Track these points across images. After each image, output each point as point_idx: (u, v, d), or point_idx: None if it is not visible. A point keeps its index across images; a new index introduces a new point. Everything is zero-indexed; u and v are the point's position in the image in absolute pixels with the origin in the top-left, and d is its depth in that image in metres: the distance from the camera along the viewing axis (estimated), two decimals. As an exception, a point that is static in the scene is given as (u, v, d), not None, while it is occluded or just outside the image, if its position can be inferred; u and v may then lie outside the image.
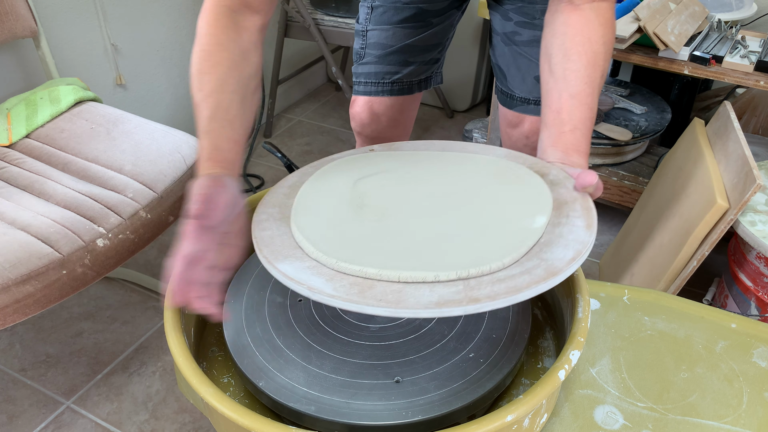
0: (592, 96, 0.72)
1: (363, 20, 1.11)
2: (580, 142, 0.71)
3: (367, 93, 1.14)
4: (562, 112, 0.71)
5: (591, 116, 0.72)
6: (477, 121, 2.26)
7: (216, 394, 0.53)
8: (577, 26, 0.74)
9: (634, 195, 1.66)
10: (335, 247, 0.60)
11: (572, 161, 0.70)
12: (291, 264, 0.59)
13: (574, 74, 0.72)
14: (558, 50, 0.74)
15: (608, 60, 0.75)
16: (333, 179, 0.72)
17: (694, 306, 0.79)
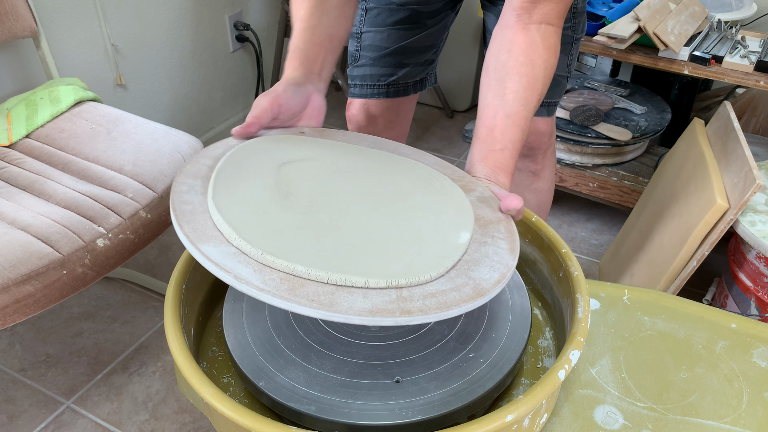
0: (525, 119, 0.74)
1: (357, 22, 1.11)
2: (508, 162, 0.72)
3: (362, 95, 1.15)
4: (495, 130, 0.73)
5: (522, 138, 0.74)
6: (477, 121, 2.26)
7: (216, 394, 0.53)
8: (523, 47, 0.76)
9: (634, 195, 1.66)
10: (259, 237, 0.56)
11: (498, 179, 0.71)
12: (215, 247, 0.55)
13: (512, 94, 0.74)
14: (501, 67, 0.76)
15: (547, 84, 0.77)
16: (257, 159, 0.68)
17: (694, 306, 0.79)
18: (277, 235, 0.57)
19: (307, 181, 0.66)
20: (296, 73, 0.75)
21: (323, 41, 0.79)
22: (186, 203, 0.60)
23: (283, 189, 0.64)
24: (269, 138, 0.73)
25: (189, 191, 0.62)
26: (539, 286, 0.77)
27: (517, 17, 0.77)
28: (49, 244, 1.00)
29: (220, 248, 0.55)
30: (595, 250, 1.73)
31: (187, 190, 0.62)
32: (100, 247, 1.05)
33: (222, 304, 0.71)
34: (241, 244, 0.55)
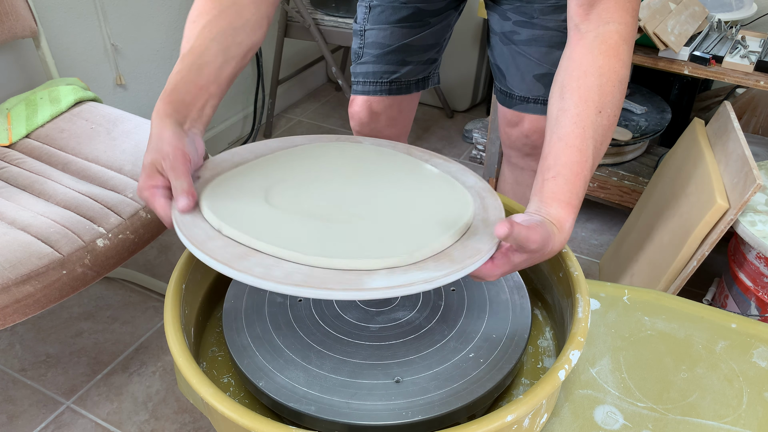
0: (582, 138, 0.65)
1: (361, 20, 1.12)
2: (562, 190, 0.63)
3: (365, 92, 1.15)
4: (548, 158, 0.66)
5: (580, 159, 0.64)
6: (477, 121, 2.26)
7: (216, 394, 0.53)
8: (577, 59, 0.69)
9: (634, 195, 1.66)
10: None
11: (549, 212, 0.62)
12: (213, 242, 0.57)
13: (564, 114, 0.67)
14: (557, 90, 0.70)
15: (608, 92, 0.68)
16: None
17: (694, 306, 0.79)
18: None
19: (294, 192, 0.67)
20: (169, 121, 0.66)
21: (209, 84, 0.69)
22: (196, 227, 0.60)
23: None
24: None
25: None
26: (539, 286, 0.77)
27: (575, 28, 0.71)
28: (49, 244, 1.00)
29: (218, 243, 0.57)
30: (595, 250, 1.73)
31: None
32: (100, 247, 1.05)
33: (222, 304, 0.71)
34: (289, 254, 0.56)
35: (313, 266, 0.55)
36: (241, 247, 0.57)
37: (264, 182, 0.67)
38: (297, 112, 2.44)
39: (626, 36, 0.70)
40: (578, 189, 0.64)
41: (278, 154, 0.73)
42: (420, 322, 0.68)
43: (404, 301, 0.70)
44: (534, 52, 1.03)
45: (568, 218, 0.63)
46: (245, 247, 0.57)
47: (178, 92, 0.68)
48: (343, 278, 0.53)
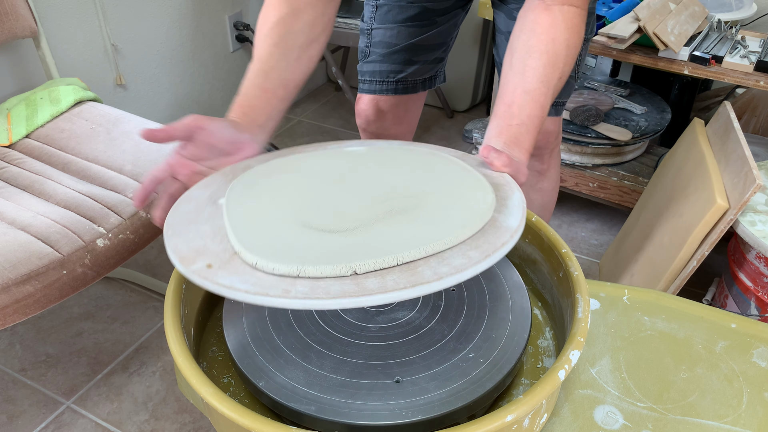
0: (545, 96, 0.72)
1: (368, 19, 1.12)
2: (524, 138, 0.71)
3: (371, 91, 1.15)
4: (513, 106, 0.72)
5: (540, 115, 0.72)
6: (477, 121, 2.26)
7: (216, 394, 0.53)
8: (545, 25, 0.75)
9: (634, 195, 1.66)
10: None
11: (512, 154, 0.69)
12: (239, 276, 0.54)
13: (532, 71, 0.73)
14: (522, 45, 0.75)
15: (569, 63, 0.76)
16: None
17: (694, 306, 0.79)
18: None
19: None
20: (237, 120, 0.72)
21: (276, 88, 0.75)
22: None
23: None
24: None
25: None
26: (539, 286, 0.77)
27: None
28: (49, 244, 1.00)
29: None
30: (595, 250, 1.73)
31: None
32: (100, 247, 1.05)
33: (222, 304, 0.71)
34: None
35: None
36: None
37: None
38: (297, 112, 2.44)
39: (584, 18, 0.78)
40: (534, 139, 0.72)
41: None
42: (420, 322, 0.68)
43: (404, 301, 0.70)
44: None
45: (526, 162, 0.70)
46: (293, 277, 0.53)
47: (247, 97, 0.73)
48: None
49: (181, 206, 0.65)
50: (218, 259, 0.56)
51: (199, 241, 0.59)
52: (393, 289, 0.50)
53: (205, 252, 0.57)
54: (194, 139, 0.68)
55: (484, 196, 0.62)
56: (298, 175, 0.69)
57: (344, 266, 0.52)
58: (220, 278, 0.53)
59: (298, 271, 0.52)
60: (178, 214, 0.64)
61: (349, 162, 0.72)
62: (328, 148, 0.75)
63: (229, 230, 0.59)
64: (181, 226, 0.62)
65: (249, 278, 0.53)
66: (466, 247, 0.55)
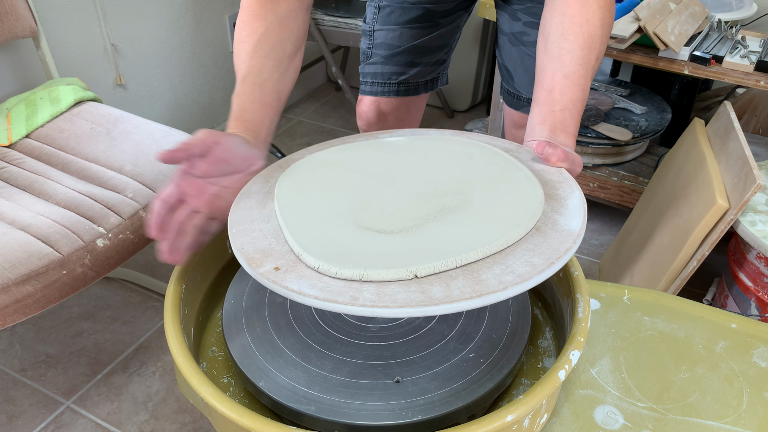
0: (585, 78, 0.71)
1: (370, 20, 1.11)
2: (569, 123, 0.70)
3: (373, 93, 1.15)
4: (554, 91, 0.71)
5: (582, 98, 0.71)
6: (477, 121, 2.26)
7: (216, 394, 0.53)
8: (576, 7, 0.73)
9: (634, 195, 1.66)
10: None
11: (559, 140, 0.69)
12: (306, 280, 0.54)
13: (569, 54, 0.72)
14: (556, 29, 0.74)
15: (605, 43, 0.75)
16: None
17: (694, 306, 0.79)
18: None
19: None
20: (245, 136, 0.70)
21: (272, 101, 0.73)
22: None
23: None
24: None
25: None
26: (539, 286, 0.77)
27: None
28: (49, 244, 1.00)
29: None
30: (595, 250, 1.73)
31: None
32: (100, 247, 1.05)
33: (222, 304, 0.71)
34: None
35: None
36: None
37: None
38: (297, 112, 2.43)
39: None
40: (578, 124, 0.71)
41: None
42: (420, 322, 0.68)
43: None
44: None
45: (573, 148, 0.69)
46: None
47: (246, 112, 0.71)
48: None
49: (242, 202, 0.65)
50: (285, 261, 0.56)
51: (263, 242, 0.59)
52: (459, 298, 0.50)
53: (271, 253, 0.57)
54: (209, 154, 0.64)
55: (533, 191, 0.61)
56: (343, 168, 0.68)
57: (405, 270, 0.52)
58: (288, 282, 0.53)
59: (361, 276, 0.52)
60: (240, 210, 0.64)
61: (391, 154, 0.71)
62: (362, 140, 0.75)
63: (287, 232, 0.59)
64: (245, 224, 0.62)
65: (316, 283, 0.53)
66: (527, 253, 0.54)
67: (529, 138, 0.71)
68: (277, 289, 0.54)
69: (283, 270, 0.55)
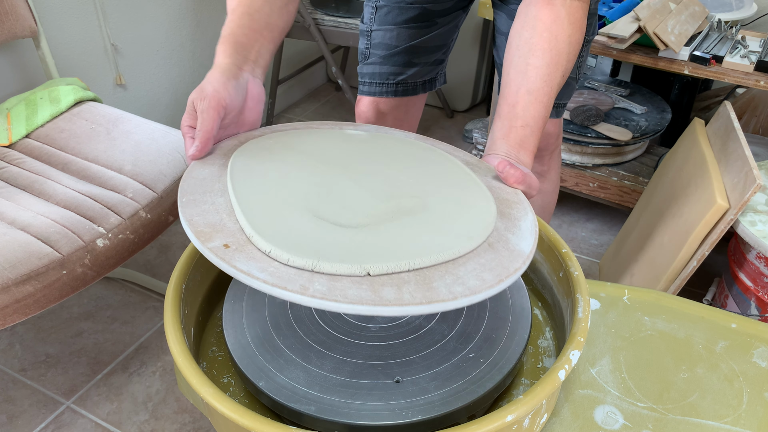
0: (549, 95, 0.72)
1: (368, 20, 1.11)
2: (529, 140, 0.71)
3: (371, 93, 1.15)
4: (517, 107, 0.72)
5: (545, 115, 0.72)
6: (477, 121, 2.26)
7: (216, 394, 0.53)
8: (547, 22, 0.74)
9: (634, 195, 1.66)
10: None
11: (519, 157, 0.70)
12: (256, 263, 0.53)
13: (534, 70, 0.72)
14: (524, 44, 0.74)
15: (572, 60, 0.75)
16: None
17: (694, 306, 0.79)
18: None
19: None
20: (229, 61, 0.69)
21: (262, 29, 0.74)
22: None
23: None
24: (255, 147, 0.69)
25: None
26: (539, 286, 0.77)
27: None
28: (49, 244, 1.00)
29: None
30: (595, 250, 1.73)
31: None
32: (100, 247, 1.04)
33: (222, 304, 0.71)
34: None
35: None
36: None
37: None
38: (297, 112, 2.43)
39: (586, 12, 0.77)
40: (538, 140, 0.72)
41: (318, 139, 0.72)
42: (420, 322, 0.68)
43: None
44: None
45: (530, 164, 0.71)
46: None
47: (235, 35, 0.71)
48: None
49: (196, 171, 0.63)
50: (235, 240, 0.55)
51: (214, 216, 0.57)
52: (409, 303, 0.50)
53: (221, 229, 0.56)
54: (223, 120, 0.67)
55: (487, 207, 0.62)
56: (302, 155, 0.68)
57: (358, 266, 0.52)
58: (237, 262, 0.52)
59: (313, 266, 0.52)
60: (193, 180, 0.62)
61: (353, 147, 0.71)
62: (327, 128, 0.75)
63: (238, 211, 0.58)
64: (197, 194, 0.60)
65: (266, 266, 0.52)
66: (479, 267, 0.55)
67: (489, 151, 0.72)
68: (224, 267, 0.52)
69: (232, 248, 0.53)
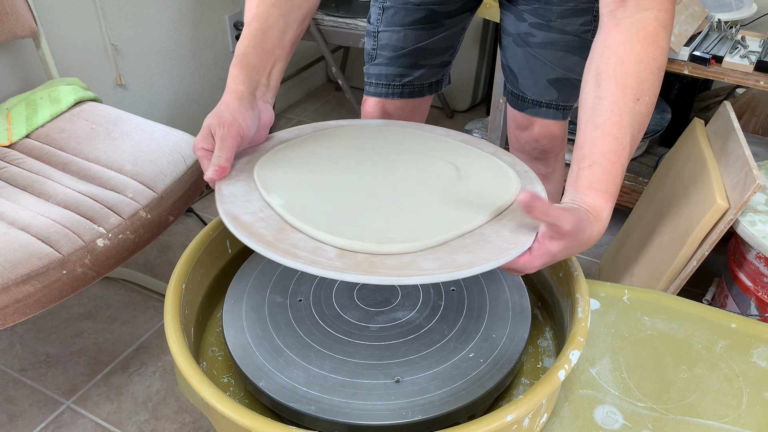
0: (619, 125, 0.64)
1: (374, 20, 1.10)
2: (598, 179, 0.63)
3: (378, 94, 1.14)
4: (584, 147, 0.65)
5: (617, 148, 0.64)
6: (477, 121, 2.26)
7: (216, 394, 0.53)
8: (613, 47, 0.67)
9: (634, 195, 1.66)
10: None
11: (584, 200, 0.63)
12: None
13: (600, 102, 0.66)
14: (592, 77, 0.68)
15: (647, 80, 0.66)
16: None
17: (694, 306, 0.79)
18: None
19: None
20: (243, 88, 0.71)
21: (275, 48, 0.75)
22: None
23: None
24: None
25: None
26: (539, 286, 0.77)
27: (610, 15, 0.69)
28: (49, 244, 1.00)
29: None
30: (595, 250, 1.73)
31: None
32: (100, 247, 1.05)
33: (222, 304, 0.71)
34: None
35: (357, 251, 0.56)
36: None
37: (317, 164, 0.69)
38: (297, 112, 2.43)
39: (665, 22, 0.68)
40: (615, 177, 0.64)
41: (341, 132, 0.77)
42: (420, 322, 0.68)
43: (404, 300, 0.70)
44: (549, 55, 1.02)
45: (605, 207, 0.63)
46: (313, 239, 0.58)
47: (248, 57, 0.73)
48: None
49: (225, 188, 0.66)
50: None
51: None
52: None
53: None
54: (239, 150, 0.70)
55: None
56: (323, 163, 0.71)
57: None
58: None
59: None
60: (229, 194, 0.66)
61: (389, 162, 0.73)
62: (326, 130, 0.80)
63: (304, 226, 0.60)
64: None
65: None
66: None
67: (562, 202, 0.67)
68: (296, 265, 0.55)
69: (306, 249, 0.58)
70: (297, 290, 0.71)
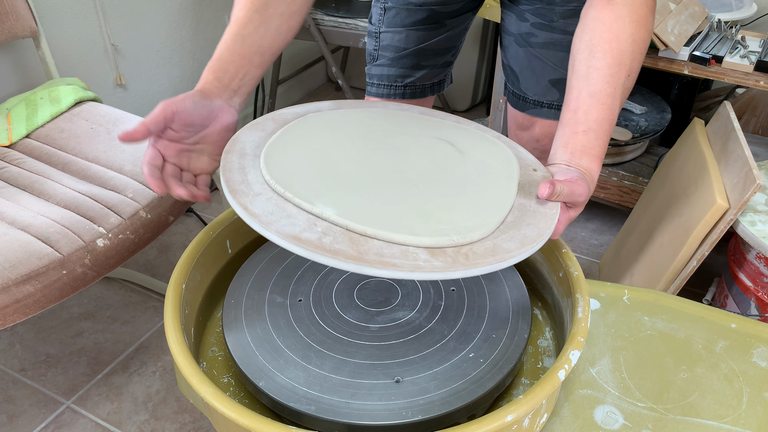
0: (612, 97, 0.70)
1: (376, 21, 1.10)
2: (593, 145, 0.69)
3: (380, 95, 1.14)
4: (578, 112, 0.69)
5: (609, 117, 0.70)
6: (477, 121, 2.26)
7: (216, 394, 0.53)
8: (607, 23, 0.71)
9: (634, 195, 1.66)
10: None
11: (581, 164, 0.68)
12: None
13: (596, 72, 0.70)
14: (585, 47, 0.72)
15: (637, 59, 0.72)
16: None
17: (694, 306, 0.79)
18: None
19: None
20: (207, 86, 0.70)
21: (252, 54, 0.73)
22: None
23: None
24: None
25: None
26: (539, 286, 0.77)
27: None
28: (49, 244, 1.00)
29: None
30: (595, 250, 1.73)
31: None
32: (100, 247, 1.05)
33: (222, 304, 0.71)
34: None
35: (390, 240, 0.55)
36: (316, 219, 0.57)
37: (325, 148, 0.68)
38: (297, 112, 2.43)
39: (652, 8, 0.74)
40: (604, 144, 0.70)
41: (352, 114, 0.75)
42: (420, 322, 0.68)
43: (404, 300, 0.70)
44: (551, 56, 1.02)
45: (597, 169, 0.70)
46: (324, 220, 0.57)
47: (222, 61, 0.72)
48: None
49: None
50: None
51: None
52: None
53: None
54: (172, 124, 0.67)
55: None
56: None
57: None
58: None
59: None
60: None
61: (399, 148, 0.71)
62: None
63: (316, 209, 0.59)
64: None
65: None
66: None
67: (551, 161, 0.71)
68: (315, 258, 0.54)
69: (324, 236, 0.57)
70: (297, 290, 0.71)
